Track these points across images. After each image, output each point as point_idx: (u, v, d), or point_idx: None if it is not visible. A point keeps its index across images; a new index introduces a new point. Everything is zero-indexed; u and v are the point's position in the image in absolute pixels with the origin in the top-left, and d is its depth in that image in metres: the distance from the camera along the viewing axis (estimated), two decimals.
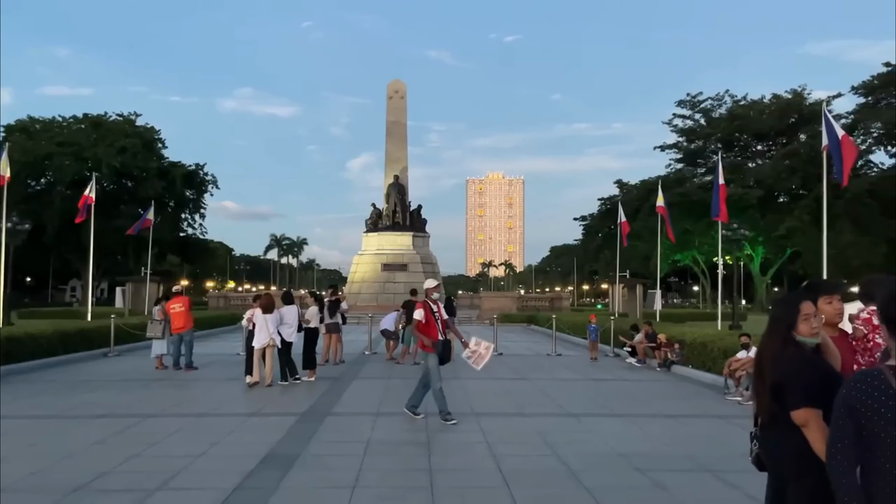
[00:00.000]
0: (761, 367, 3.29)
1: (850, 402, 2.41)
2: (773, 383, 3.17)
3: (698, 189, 54.97)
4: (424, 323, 9.92)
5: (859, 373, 2.53)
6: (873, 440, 2.33)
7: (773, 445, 3.27)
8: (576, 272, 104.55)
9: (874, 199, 54.10)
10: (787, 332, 3.28)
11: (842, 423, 2.42)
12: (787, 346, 3.26)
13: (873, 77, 58.06)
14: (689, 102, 64.04)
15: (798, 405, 3.08)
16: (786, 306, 3.36)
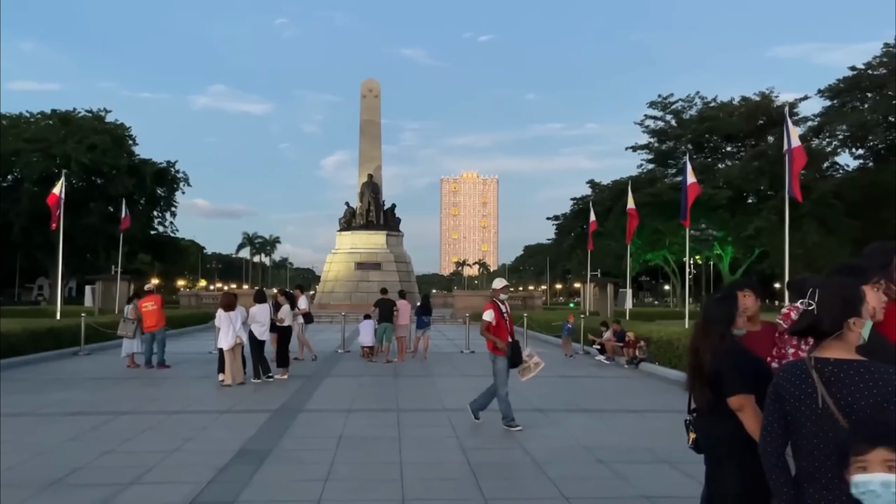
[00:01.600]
0: (699, 359, 3.53)
1: (778, 391, 2.62)
2: (711, 373, 3.42)
3: (669, 189, 55.66)
4: (494, 325, 9.28)
5: (787, 364, 2.75)
6: (798, 425, 2.55)
7: (709, 431, 3.54)
8: (549, 271, 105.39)
9: (839, 201, 55.28)
10: (727, 328, 3.58)
11: (772, 409, 2.63)
12: (724, 340, 3.54)
13: (839, 80, 59.27)
14: (660, 104, 64.81)
15: (734, 392, 3.34)
16: (726, 304, 3.66)
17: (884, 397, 2.43)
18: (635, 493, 6.28)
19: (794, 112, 58.55)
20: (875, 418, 2.40)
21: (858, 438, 2.30)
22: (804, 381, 2.55)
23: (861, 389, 2.46)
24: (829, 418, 2.47)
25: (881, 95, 55.86)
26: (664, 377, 15.17)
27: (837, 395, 2.47)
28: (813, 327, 2.61)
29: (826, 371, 2.52)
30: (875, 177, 57.08)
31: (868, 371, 2.49)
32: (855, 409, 2.45)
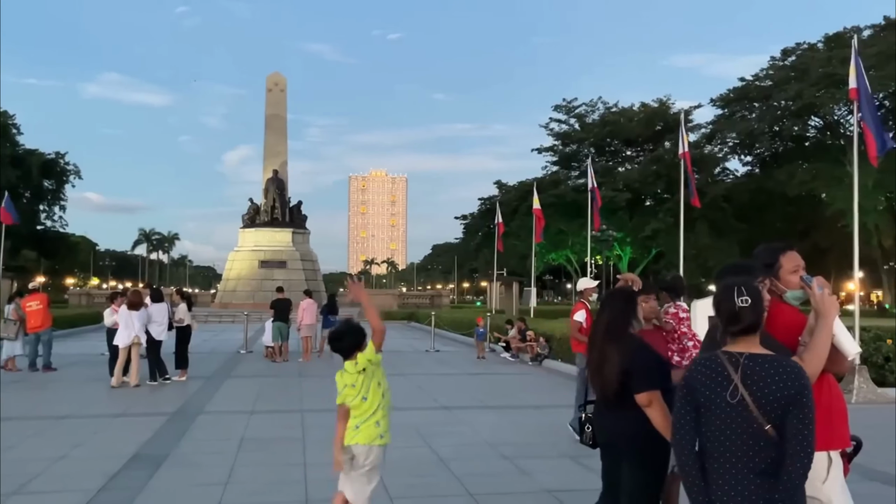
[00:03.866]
0: (604, 356, 3.63)
1: (691, 384, 2.71)
2: (620, 370, 3.51)
3: (572, 191, 57.26)
4: (586, 326, 8.82)
5: (700, 358, 2.85)
6: (711, 418, 2.65)
7: (612, 426, 3.65)
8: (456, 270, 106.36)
9: (729, 204, 58.39)
10: (631, 325, 3.71)
11: (685, 402, 2.71)
12: (631, 337, 3.68)
13: (729, 91, 62.60)
14: (564, 107, 66.55)
15: (644, 388, 3.46)
16: (630, 303, 3.81)
17: (797, 390, 2.55)
18: (538, 487, 6.39)
19: (688, 119, 61.50)
20: None
21: None
22: (719, 375, 2.65)
23: (777, 382, 2.56)
24: (743, 411, 2.57)
25: (767, 106, 59.37)
26: (566, 373, 15.55)
27: (753, 388, 2.57)
28: (754, 324, 2.70)
29: (741, 365, 2.62)
30: (761, 182, 60.68)
31: (780, 365, 2.61)
32: (770, 402, 2.55)
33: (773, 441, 2.53)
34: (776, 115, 58.85)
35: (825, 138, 58.75)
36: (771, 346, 2.99)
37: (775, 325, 3.16)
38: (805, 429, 2.51)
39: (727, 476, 2.58)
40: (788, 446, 2.51)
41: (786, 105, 57.13)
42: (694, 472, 2.66)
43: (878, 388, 11.73)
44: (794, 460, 2.50)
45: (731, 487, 2.57)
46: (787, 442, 2.51)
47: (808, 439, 2.51)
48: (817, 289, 3.10)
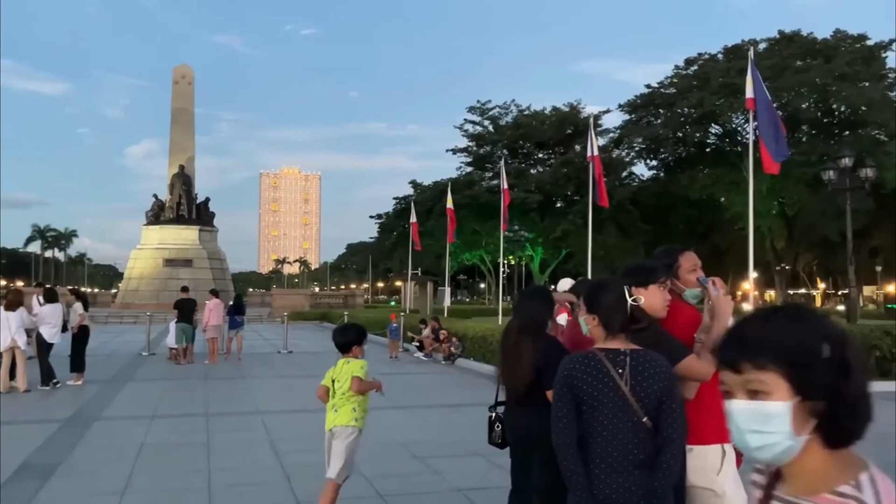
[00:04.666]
0: (519, 353, 3.66)
1: (570, 381, 2.75)
2: (534, 367, 3.56)
3: (486, 192, 57.88)
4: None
5: (575, 355, 2.88)
6: (593, 413, 2.70)
7: (522, 424, 3.69)
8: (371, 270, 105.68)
9: (636, 207, 60.47)
10: (546, 323, 3.81)
11: (565, 401, 2.75)
12: (546, 336, 3.76)
13: (637, 97, 64.80)
14: (478, 109, 67.24)
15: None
16: (548, 303, 3.90)
17: (669, 382, 2.64)
18: (449, 486, 6.40)
19: (597, 124, 63.31)
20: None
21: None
22: (599, 371, 2.70)
23: (653, 376, 2.64)
24: (624, 405, 2.63)
25: (671, 112, 61.80)
26: (479, 372, 15.70)
27: (632, 382, 2.64)
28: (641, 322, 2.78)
29: (619, 361, 2.68)
30: (665, 186, 63.12)
31: (654, 359, 2.69)
32: (647, 395, 2.62)
33: (651, 433, 2.62)
34: (680, 121, 61.34)
35: (724, 145, 61.66)
36: (670, 343, 3.08)
37: (674, 322, 3.25)
38: (678, 418, 2.62)
39: (609, 469, 2.63)
40: (663, 436, 2.60)
41: (688, 112, 59.63)
42: (576, 468, 2.70)
43: None
44: (668, 449, 2.60)
45: (613, 480, 2.62)
46: (661, 432, 2.60)
47: (681, 428, 2.62)
48: (713, 289, 3.21)
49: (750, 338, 1.22)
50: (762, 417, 1.19)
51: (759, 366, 1.19)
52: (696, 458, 3.11)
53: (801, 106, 55.25)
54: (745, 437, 1.22)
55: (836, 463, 1.22)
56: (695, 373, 3.04)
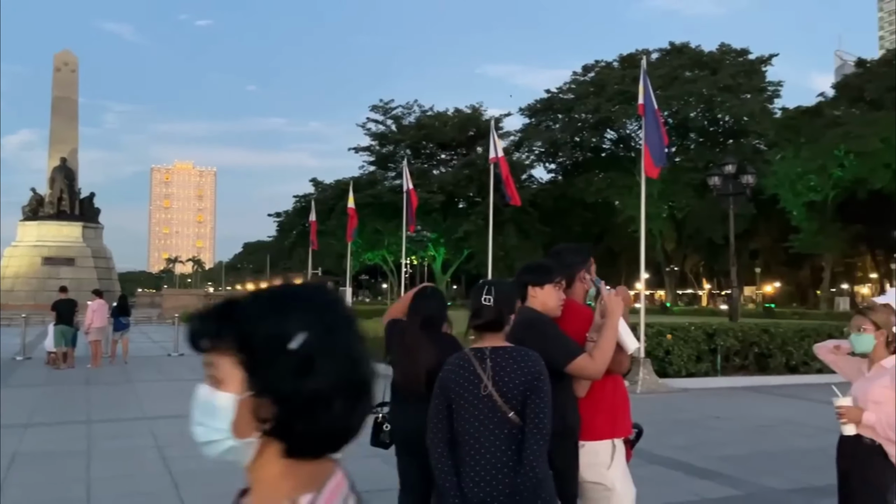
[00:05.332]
0: (417, 354, 3.68)
1: (444, 382, 2.79)
2: (436, 364, 3.51)
3: (389, 191, 57.78)
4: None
5: (453, 356, 2.90)
6: (462, 413, 2.71)
7: (415, 423, 3.62)
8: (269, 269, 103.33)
9: (535, 209, 61.93)
10: (443, 323, 3.88)
11: (438, 401, 2.79)
12: (443, 334, 3.85)
13: (536, 101, 66.45)
14: (381, 108, 67.00)
15: None
16: (444, 303, 3.98)
17: (534, 376, 2.65)
18: None
19: (499, 126, 64.43)
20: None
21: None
22: (467, 371, 2.72)
23: (516, 371, 2.66)
24: (490, 402, 2.64)
25: (569, 118, 63.73)
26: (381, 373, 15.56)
27: (497, 379, 2.66)
28: (494, 321, 2.78)
29: (486, 359, 2.70)
30: (563, 189, 65.04)
31: (520, 355, 2.71)
32: (511, 390, 2.64)
33: (518, 428, 2.63)
34: (577, 126, 63.34)
35: (619, 150, 64.16)
36: (562, 342, 3.12)
37: (567, 321, 3.29)
38: (541, 412, 2.62)
39: (478, 468, 2.64)
40: (526, 429, 2.62)
41: (585, 118, 61.68)
42: (444, 468, 2.72)
43: (660, 379, 12.91)
44: (531, 442, 2.60)
45: (481, 478, 2.63)
46: (525, 426, 2.62)
47: (544, 422, 2.62)
48: (604, 289, 3.27)
49: (218, 315, 1.02)
50: (210, 409, 1.02)
51: (220, 350, 1.01)
52: (588, 453, 3.17)
53: (690, 115, 58.26)
54: (193, 427, 1.05)
55: (293, 475, 1.01)
56: (586, 372, 3.08)
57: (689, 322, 14.78)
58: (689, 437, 8.70)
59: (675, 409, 10.82)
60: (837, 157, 47.37)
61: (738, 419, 10.04)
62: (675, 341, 13.58)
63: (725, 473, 6.80)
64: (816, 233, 52.40)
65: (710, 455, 7.60)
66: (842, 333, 12.56)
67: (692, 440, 8.44)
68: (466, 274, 75.08)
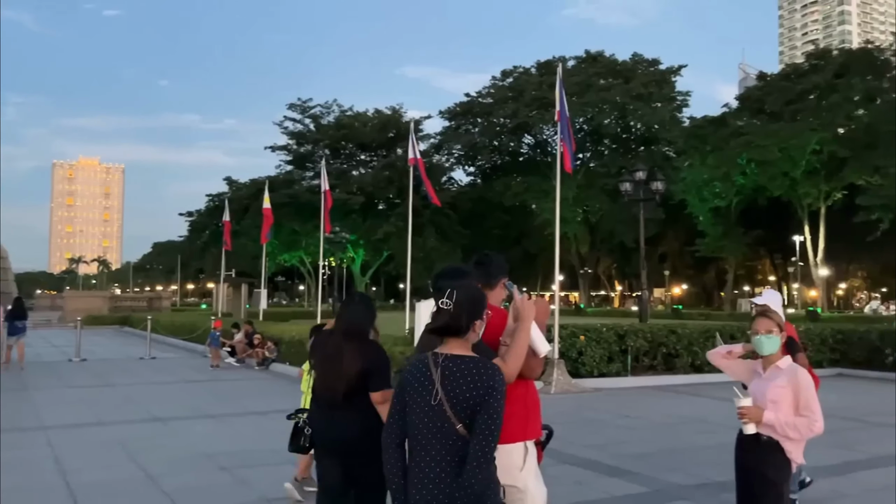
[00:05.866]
0: (343, 359, 3.72)
1: (402, 383, 2.75)
2: (360, 371, 3.65)
3: (306, 192, 56.93)
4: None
5: (414, 358, 2.87)
6: (414, 418, 2.68)
7: (344, 426, 3.71)
8: (180, 270, 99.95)
9: (454, 211, 62.32)
10: (369, 330, 3.93)
11: (396, 402, 2.77)
12: (369, 341, 3.88)
13: (456, 105, 66.93)
14: (299, 107, 66.00)
15: (383, 387, 3.68)
16: (371, 309, 4.02)
17: (486, 391, 2.59)
18: (256, 497, 6.10)
19: (419, 129, 64.53)
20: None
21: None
22: (424, 376, 2.68)
23: (469, 383, 2.60)
24: (440, 410, 2.61)
25: (488, 122, 64.51)
26: (294, 377, 15.28)
27: (448, 388, 2.62)
28: (450, 326, 2.71)
29: (442, 366, 2.66)
30: (482, 192, 65.78)
31: (476, 366, 2.65)
32: (461, 402, 2.59)
33: (465, 440, 2.58)
34: (496, 130, 64.20)
35: (536, 155, 65.42)
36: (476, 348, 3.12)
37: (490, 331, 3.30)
38: (487, 430, 2.56)
39: (421, 475, 2.61)
40: (471, 444, 2.56)
41: (504, 122, 62.59)
42: (392, 468, 2.71)
43: (573, 379, 13.19)
44: (473, 457, 2.55)
45: (424, 486, 2.60)
46: (470, 440, 2.57)
47: (489, 439, 2.56)
48: (517, 293, 3.30)
49: None
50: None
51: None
52: (501, 456, 3.17)
53: (604, 122, 60.01)
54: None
55: None
56: None
57: (602, 324, 15.16)
58: (600, 436, 8.91)
59: (587, 408, 11.07)
60: (740, 166, 49.80)
61: (647, 418, 10.36)
62: (588, 342, 13.91)
63: (634, 471, 6.99)
64: (720, 237, 54.91)
65: (620, 453, 7.80)
66: (744, 334, 13.18)
67: (603, 439, 8.65)
68: (386, 276, 74.83)
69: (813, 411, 3.63)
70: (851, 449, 8.10)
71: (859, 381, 15.25)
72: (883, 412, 10.91)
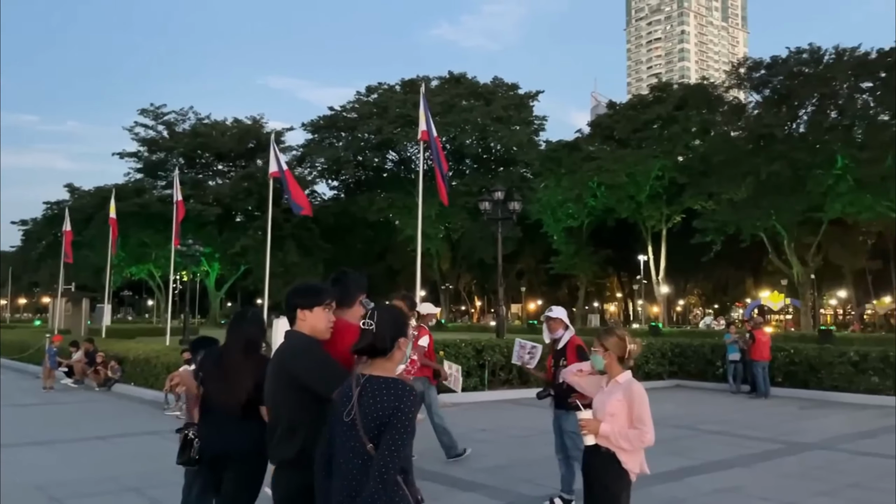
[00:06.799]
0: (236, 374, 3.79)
1: (334, 401, 2.78)
2: (256, 384, 3.66)
3: (158, 201, 54.13)
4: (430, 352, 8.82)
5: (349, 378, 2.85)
6: (334, 436, 2.72)
7: (233, 438, 3.77)
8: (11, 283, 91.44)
9: (317, 226, 61.40)
10: (260, 345, 4.04)
11: (329, 418, 2.78)
12: (261, 355, 3.96)
13: (320, 118, 66.19)
14: (152, 112, 62.75)
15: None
16: (261, 325, 4.08)
17: (391, 412, 2.61)
18: None
19: (281, 140, 63.18)
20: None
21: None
22: (346, 396, 2.72)
23: (378, 402, 2.63)
24: (353, 429, 2.64)
25: (353, 136, 64.27)
26: (139, 398, 14.39)
27: (362, 406, 2.65)
28: (374, 346, 2.74)
29: (361, 385, 2.70)
30: (346, 207, 65.28)
31: (388, 386, 2.67)
32: (370, 421, 2.62)
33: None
34: (360, 145, 64.06)
35: (400, 171, 65.88)
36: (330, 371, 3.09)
37: (342, 342, 3.26)
38: (388, 450, 2.57)
39: (337, 492, 2.66)
40: (373, 464, 2.58)
41: (368, 138, 62.60)
42: (322, 487, 2.75)
43: None
44: (372, 476, 2.57)
45: (338, 502, 2.66)
46: (373, 460, 2.59)
47: (390, 459, 2.57)
48: None
49: None
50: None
51: None
52: None
53: (466, 142, 61.54)
54: None
55: None
56: None
57: (461, 339, 15.43)
58: None
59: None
60: (591, 188, 52.62)
61: (502, 431, 10.63)
62: (448, 357, 14.09)
63: (488, 484, 7.13)
64: (573, 256, 57.68)
65: (475, 467, 7.94)
66: (590, 348, 13.85)
67: None
68: (243, 291, 72.28)
69: (644, 423, 3.84)
70: (686, 456, 8.69)
71: (694, 391, 16.47)
72: (714, 420, 11.84)
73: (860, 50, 42.27)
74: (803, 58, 43.82)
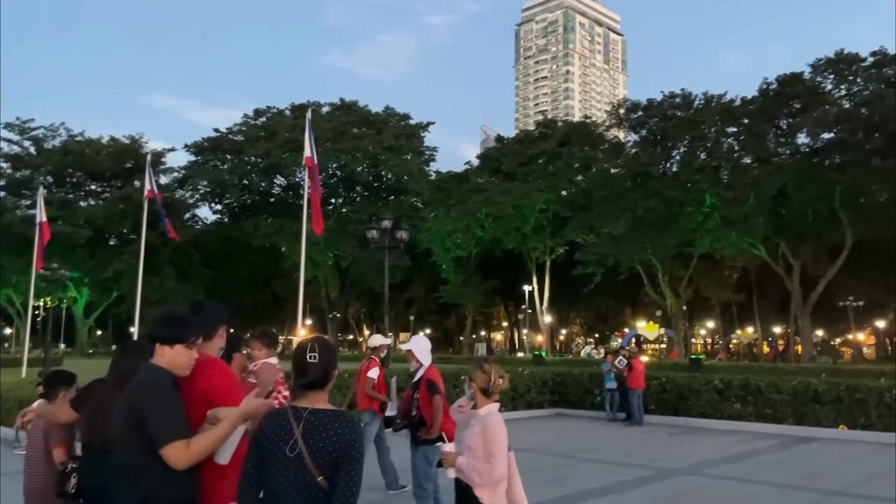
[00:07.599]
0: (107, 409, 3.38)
1: (258, 437, 2.69)
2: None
3: (21, 222, 50.47)
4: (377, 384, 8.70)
5: (271, 412, 2.81)
6: (272, 471, 2.63)
7: (104, 473, 3.39)
8: None
9: (197, 250, 59.05)
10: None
11: (251, 455, 2.69)
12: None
13: (204, 139, 64.08)
14: (18, 127, 58.72)
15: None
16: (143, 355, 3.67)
17: (348, 443, 2.61)
18: None
19: (162, 161, 60.63)
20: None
21: None
22: (282, 429, 2.66)
23: (332, 436, 2.61)
24: (299, 464, 2.59)
25: (239, 160, 62.54)
26: None
27: (310, 441, 2.61)
28: (322, 378, 2.75)
29: (305, 419, 2.66)
30: (229, 231, 63.23)
31: (338, 420, 2.67)
32: (323, 455, 2.59)
33: (326, 493, 2.60)
34: (246, 169, 62.42)
35: (287, 196, 64.60)
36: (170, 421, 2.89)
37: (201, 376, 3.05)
38: (351, 481, 2.59)
39: None
40: (334, 496, 2.58)
41: (255, 161, 61.12)
42: None
43: None
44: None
45: None
46: (333, 493, 2.58)
47: (352, 490, 2.60)
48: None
49: None
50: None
51: None
52: None
53: (357, 169, 61.27)
54: None
55: None
56: (171, 461, 2.86)
57: (345, 370, 15.08)
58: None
59: None
60: (479, 219, 53.63)
61: None
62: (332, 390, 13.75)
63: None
64: (461, 285, 58.39)
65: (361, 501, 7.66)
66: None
67: None
68: (115, 318, 68.21)
69: (496, 457, 3.76)
70: (562, 484, 8.77)
71: (574, 419, 16.81)
72: (591, 448, 12.07)
73: (726, 97, 45.67)
74: (676, 101, 46.82)
